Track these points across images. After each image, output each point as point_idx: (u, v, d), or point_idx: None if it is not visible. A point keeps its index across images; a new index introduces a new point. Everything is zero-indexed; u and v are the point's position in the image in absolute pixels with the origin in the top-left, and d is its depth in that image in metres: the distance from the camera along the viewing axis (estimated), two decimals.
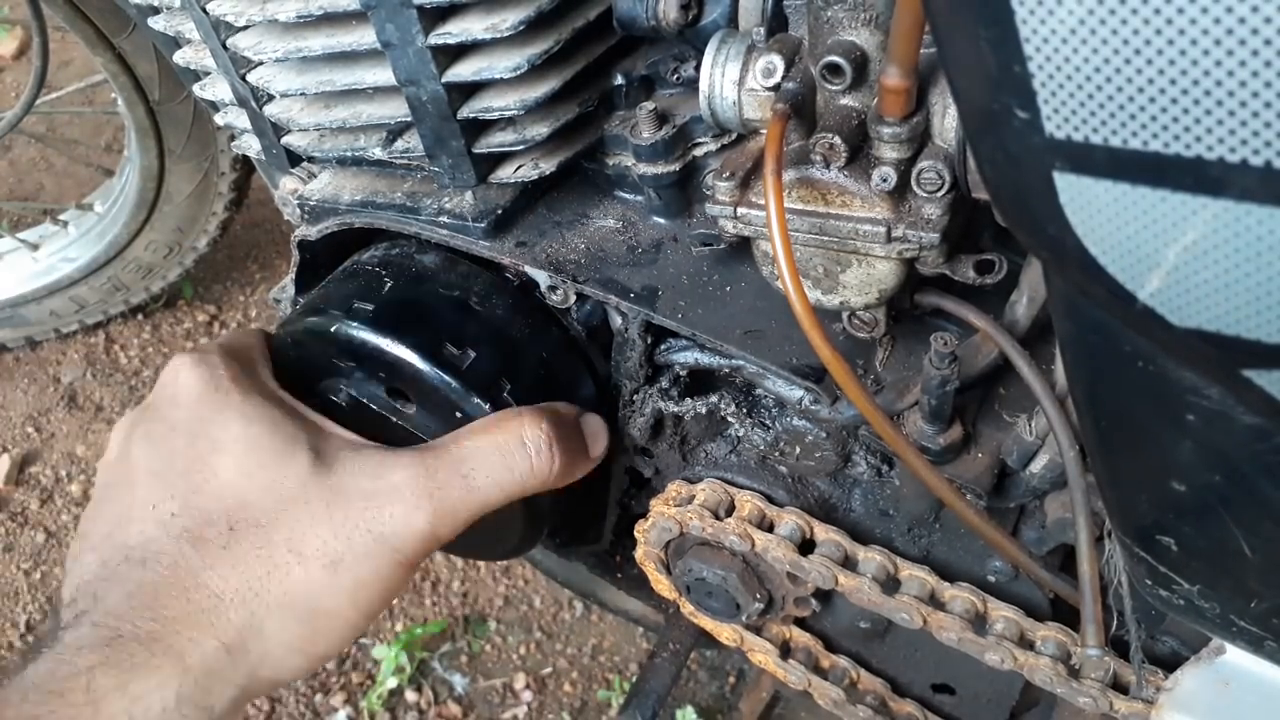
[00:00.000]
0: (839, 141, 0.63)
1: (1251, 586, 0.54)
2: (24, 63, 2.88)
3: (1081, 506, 0.69)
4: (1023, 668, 0.83)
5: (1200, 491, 0.50)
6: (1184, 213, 0.35)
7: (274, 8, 0.79)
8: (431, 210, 0.87)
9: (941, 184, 0.63)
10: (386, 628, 1.70)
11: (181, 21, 0.92)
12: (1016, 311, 0.73)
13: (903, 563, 0.87)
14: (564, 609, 1.73)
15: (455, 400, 0.84)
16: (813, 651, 1.05)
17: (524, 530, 0.96)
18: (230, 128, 1.01)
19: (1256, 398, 0.40)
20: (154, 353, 2.11)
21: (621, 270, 0.85)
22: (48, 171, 2.50)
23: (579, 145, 0.85)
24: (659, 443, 0.94)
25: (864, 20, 0.62)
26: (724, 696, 1.63)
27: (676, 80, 0.84)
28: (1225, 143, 0.32)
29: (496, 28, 0.73)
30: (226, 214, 1.93)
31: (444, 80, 0.77)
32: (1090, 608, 0.70)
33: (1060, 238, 0.40)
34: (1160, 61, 0.32)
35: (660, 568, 1.02)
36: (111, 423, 2.00)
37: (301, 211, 0.95)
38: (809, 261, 0.71)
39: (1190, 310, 0.38)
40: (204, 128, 1.77)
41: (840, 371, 0.64)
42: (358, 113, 0.85)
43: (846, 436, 0.85)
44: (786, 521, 0.89)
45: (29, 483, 1.92)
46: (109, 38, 1.59)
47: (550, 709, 1.62)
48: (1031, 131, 0.37)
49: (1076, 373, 0.53)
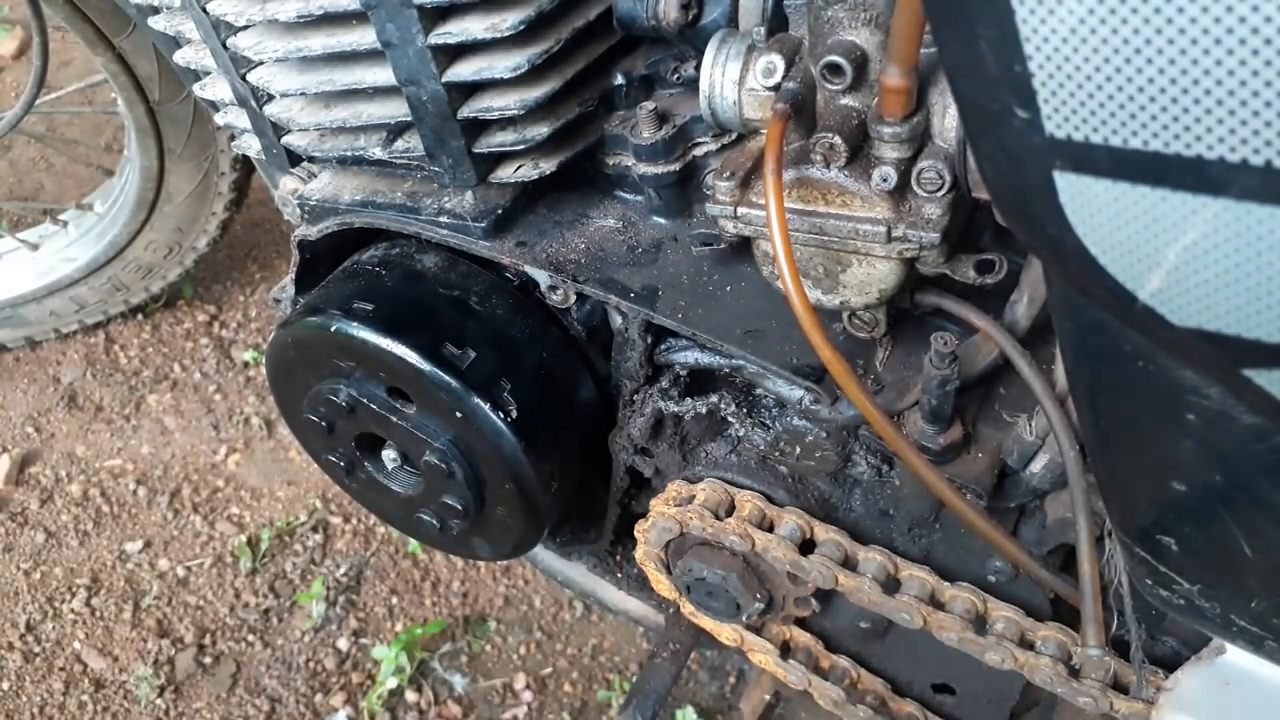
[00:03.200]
0: (839, 141, 0.63)
1: (1252, 586, 0.54)
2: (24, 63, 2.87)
3: (1082, 506, 0.69)
4: (1023, 668, 0.83)
5: (1200, 491, 0.50)
6: (1184, 212, 0.35)
7: (274, 8, 0.79)
8: (431, 210, 0.86)
9: (942, 184, 0.63)
10: (386, 628, 1.70)
11: (181, 21, 0.93)
12: (1017, 311, 0.73)
13: (903, 563, 0.87)
14: (564, 609, 1.73)
15: (455, 400, 0.85)
16: (813, 651, 1.05)
17: (524, 530, 0.96)
18: (230, 127, 1.01)
19: (1256, 397, 0.40)
20: (154, 353, 2.11)
21: (621, 270, 0.85)
22: (48, 171, 2.50)
23: (579, 145, 0.85)
24: (659, 443, 0.94)
25: (864, 20, 0.62)
26: (724, 696, 1.63)
27: (676, 80, 0.84)
28: (1225, 142, 0.32)
29: (497, 28, 0.73)
30: (226, 214, 1.93)
31: (444, 80, 0.77)
32: (1091, 608, 0.70)
33: (1060, 237, 0.40)
34: (1160, 61, 0.32)
35: (660, 568, 1.02)
36: (111, 423, 2.00)
37: (301, 211, 0.95)
38: (809, 261, 0.71)
39: (1190, 310, 0.38)
40: (204, 128, 1.77)
41: (840, 371, 0.64)
42: (358, 112, 0.85)
43: (847, 436, 0.85)
44: (787, 521, 0.89)
45: (29, 483, 1.92)
46: (109, 38, 1.58)
47: (550, 709, 1.62)
48: (1031, 131, 0.37)
49: (1077, 373, 0.53)
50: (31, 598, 1.76)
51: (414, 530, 1.07)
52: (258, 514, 1.86)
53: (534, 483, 0.90)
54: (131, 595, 1.75)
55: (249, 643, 1.69)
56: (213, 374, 2.07)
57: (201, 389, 2.05)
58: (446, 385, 0.84)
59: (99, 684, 1.64)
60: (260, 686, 1.65)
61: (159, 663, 1.66)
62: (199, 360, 2.10)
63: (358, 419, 0.92)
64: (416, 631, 1.68)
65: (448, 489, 0.93)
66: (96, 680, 1.65)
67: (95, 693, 1.63)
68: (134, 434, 2.00)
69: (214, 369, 2.08)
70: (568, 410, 0.93)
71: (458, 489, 0.92)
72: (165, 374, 2.08)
